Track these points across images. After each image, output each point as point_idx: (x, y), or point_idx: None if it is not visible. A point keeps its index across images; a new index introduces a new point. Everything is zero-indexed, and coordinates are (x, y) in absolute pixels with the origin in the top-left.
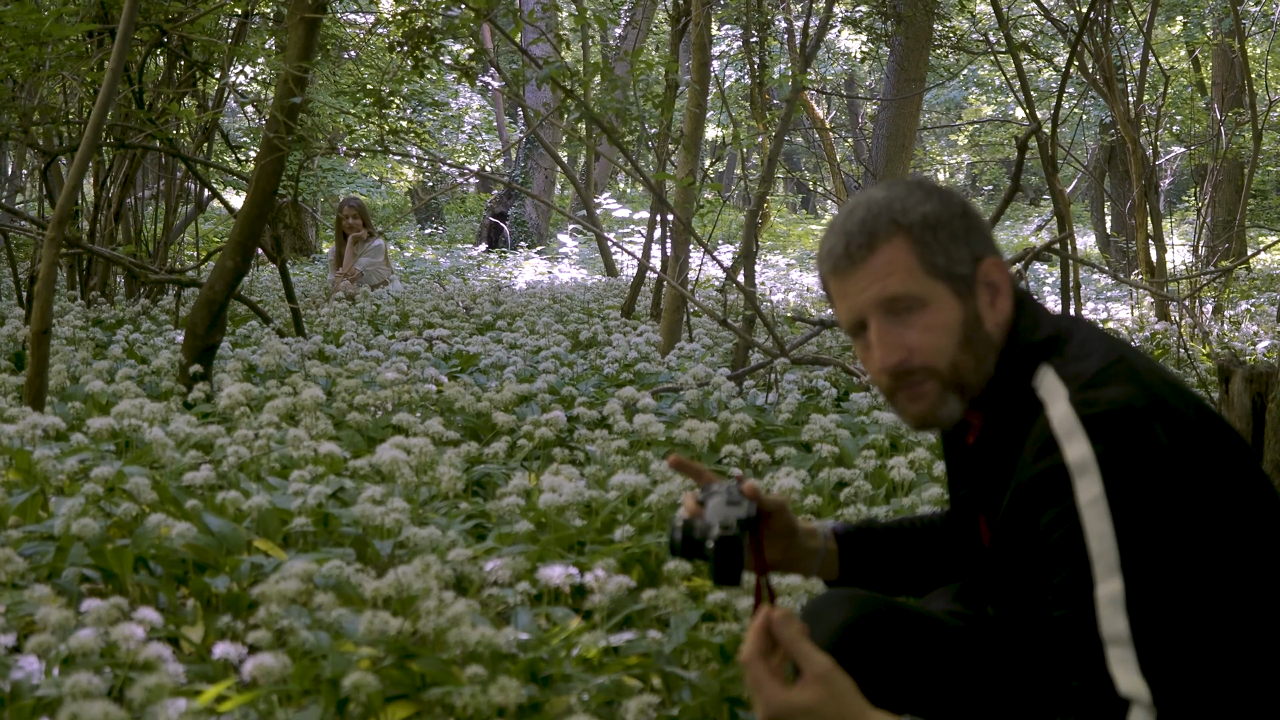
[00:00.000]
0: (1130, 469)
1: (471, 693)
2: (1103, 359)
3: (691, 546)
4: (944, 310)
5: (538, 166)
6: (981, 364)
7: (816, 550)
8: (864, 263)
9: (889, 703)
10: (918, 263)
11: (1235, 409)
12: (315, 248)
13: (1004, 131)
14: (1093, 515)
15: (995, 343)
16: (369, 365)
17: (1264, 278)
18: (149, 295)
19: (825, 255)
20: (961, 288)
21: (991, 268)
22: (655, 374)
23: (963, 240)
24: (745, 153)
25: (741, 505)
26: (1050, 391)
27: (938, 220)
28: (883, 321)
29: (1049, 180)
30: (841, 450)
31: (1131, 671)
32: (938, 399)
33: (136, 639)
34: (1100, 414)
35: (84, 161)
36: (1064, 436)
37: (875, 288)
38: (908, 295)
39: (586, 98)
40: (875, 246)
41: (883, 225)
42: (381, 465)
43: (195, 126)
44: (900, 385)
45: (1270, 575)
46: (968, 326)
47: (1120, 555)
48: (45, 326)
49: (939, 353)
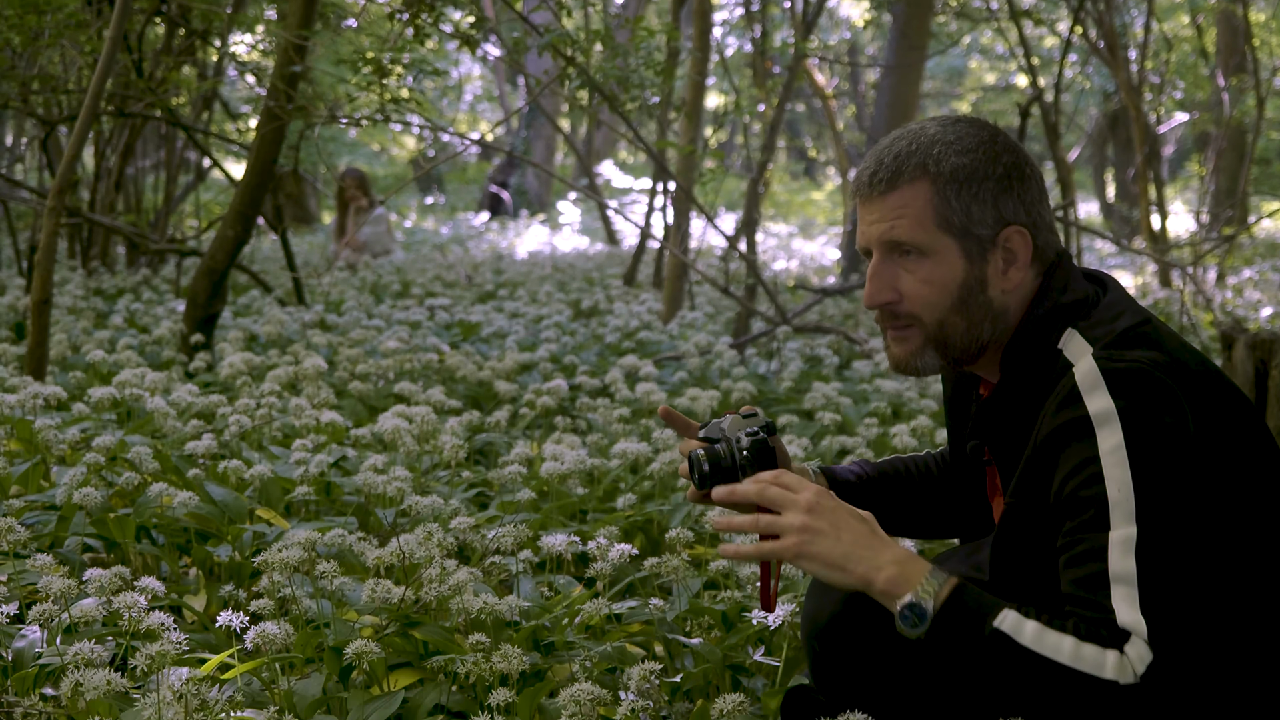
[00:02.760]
0: (1150, 422)
1: (474, 660)
2: (1129, 321)
3: (721, 473)
4: (946, 266)
5: (539, 135)
6: (973, 329)
7: None
8: (882, 196)
9: (898, 668)
10: (932, 213)
11: (1238, 375)
12: (316, 217)
13: (1006, 99)
14: (1112, 463)
15: (998, 309)
16: (371, 334)
17: (1267, 244)
18: (150, 265)
19: (859, 173)
20: (973, 248)
21: (1014, 235)
22: (657, 342)
23: (990, 202)
24: (747, 121)
25: (752, 419)
26: (1076, 351)
27: (969, 176)
28: (883, 259)
29: (1051, 147)
30: (843, 418)
31: (1133, 608)
32: (918, 349)
33: (139, 608)
34: (1123, 370)
35: (84, 131)
36: (1087, 390)
37: (884, 225)
38: (912, 243)
39: (588, 65)
40: (897, 184)
41: (912, 166)
42: (383, 434)
43: (195, 95)
44: (887, 324)
45: (1270, 536)
46: (967, 289)
47: (1136, 503)
48: (46, 296)
49: (929, 307)
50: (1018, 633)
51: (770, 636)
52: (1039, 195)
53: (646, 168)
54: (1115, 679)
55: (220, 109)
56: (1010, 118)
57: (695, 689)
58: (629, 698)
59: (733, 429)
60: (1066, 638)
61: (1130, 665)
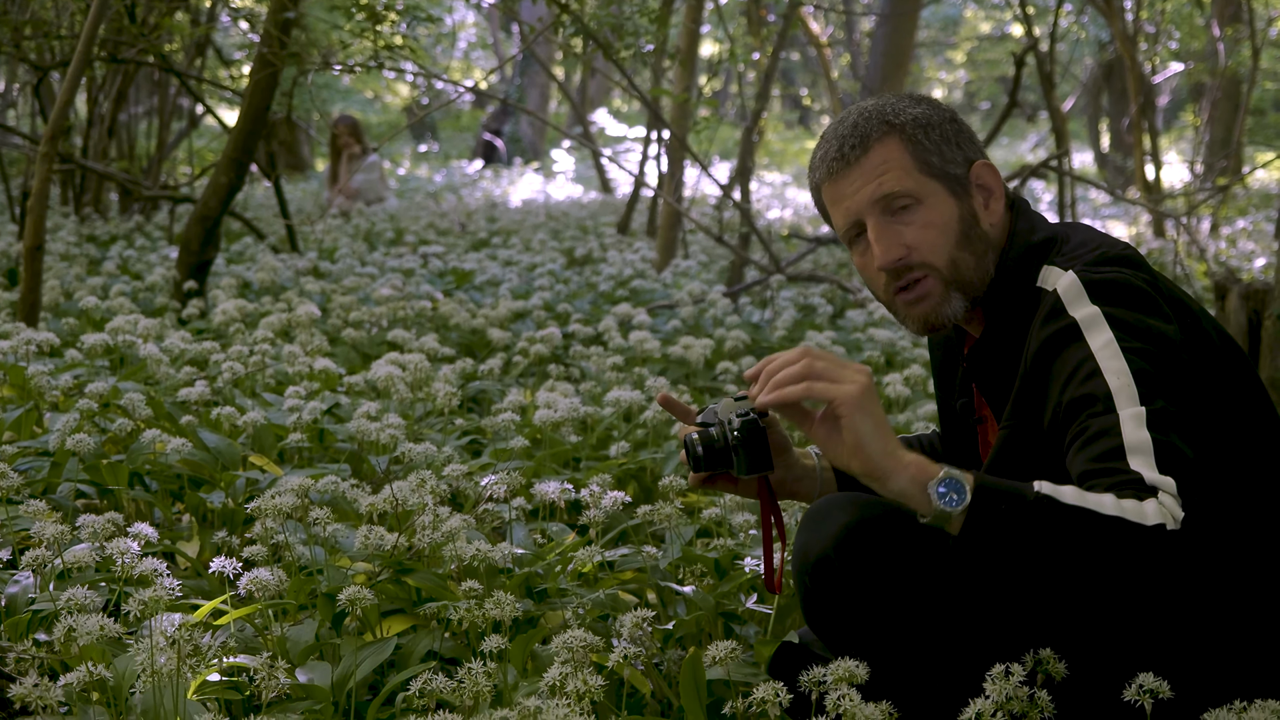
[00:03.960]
0: (1135, 318)
1: (467, 607)
2: (1106, 249)
3: (714, 455)
4: (940, 207)
5: (533, 83)
6: (981, 261)
7: (813, 469)
8: (858, 162)
9: (890, 605)
10: (912, 160)
11: (1231, 325)
12: (309, 164)
13: (1001, 48)
14: (1107, 356)
15: (992, 241)
16: (364, 282)
17: (1261, 195)
18: (143, 211)
19: (818, 162)
20: (956, 187)
21: (983, 170)
22: (651, 291)
23: (954, 142)
24: (741, 69)
25: (743, 401)
26: (1055, 280)
27: (929, 121)
28: (880, 220)
29: (1046, 97)
30: None
31: (1154, 470)
32: (941, 297)
33: (132, 554)
34: (1105, 279)
35: (76, 77)
36: (1070, 300)
37: (871, 186)
38: (904, 192)
39: (582, 13)
40: (869, 146)
41: (875, 126)
42: (377, 381)
43: (188, 41)
44: (900, 287)
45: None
46: (965, 223)
47: (1138, 385)
48: (39, 242)
49: (937, 250)
50: (1058, 494)
51: (762, 584)
52: (978, 141)
53: (641, 116)
54: (1161, 523)
55: (213, 55)
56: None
57: (688, 636)
58: (621, 645)
59: (725, 411)
60: (1105, 495)
61: (1169, 512)
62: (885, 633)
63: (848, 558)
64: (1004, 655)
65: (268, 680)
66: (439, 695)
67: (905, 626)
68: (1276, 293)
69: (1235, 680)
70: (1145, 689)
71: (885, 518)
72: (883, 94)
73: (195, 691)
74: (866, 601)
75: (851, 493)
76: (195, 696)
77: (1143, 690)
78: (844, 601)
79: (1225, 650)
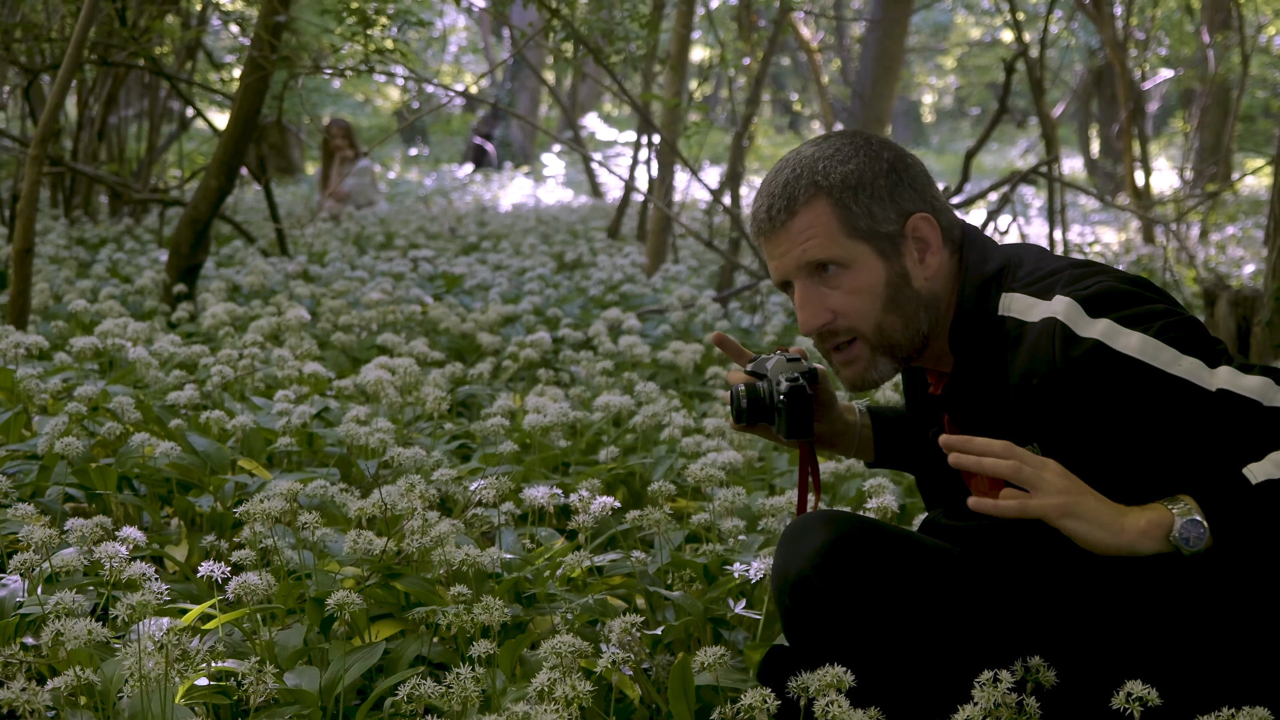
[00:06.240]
0: (1139, 310)
1: (456, 612)
2: (1068, 269)
3: (758, 410)
4: (867, 272)
5: (523, 87)
6: (911, 323)
7: (854, 425)
8: (784, 226)
9: (871, 623)
10: (839, 225)
11: (1220, 332)
12: (299, 167)
13: (991, 54)
14: (1150, 351)
15: (928, 296)
16: (354, 286)
17: (1250, 201)
18: (132, 214)
19: (752, 217)
20: (886, 247)
21: (920, 223)
22: (640, 295)
23: (886, 199)
24: (732, 74)
25: (799, 362)
26: (1022, 308)
27: (859, 180)
28: (806, 284)
29: (1036, 103)
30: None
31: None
32: (869, 362)
33: (120, 557)
34: (1093, 294)
35: (66, 79)
36: (1075, 323)
37: (796, 251)
38: (828, 259)
39: (572, 18)
40: (795, 210)
41: (803, 188)
42: (366, 385)
43: (179, 44)
44: (830, 347)
45: None
46: (892, 287)
47: (1198, 356)
48: (28, 245)
49: (862, 316)
50: (1270, 474)
51: (751, 590)
52: (926, 180)
53: (631, 121)
54: None
55: (204, 58)
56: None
57: (676, 641)
58: (610, 650)
59: (775, 370)
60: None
61: None
62: (867, 650)
63: (827, 577)
64: (988, 668)
65: (256, 685)
66: (427, 700)
67: (887, 643)
68: (1266, 299)
69: (1224, 686)
70: (1134, 697)
71: (863, 535)
72: (824, 138)
73: (183, 696)
74: (847, 620)
75: (829, 510)
76: (183, 701)
77: (1131, 698)
78: (825, 620)
79: (1213, 656)
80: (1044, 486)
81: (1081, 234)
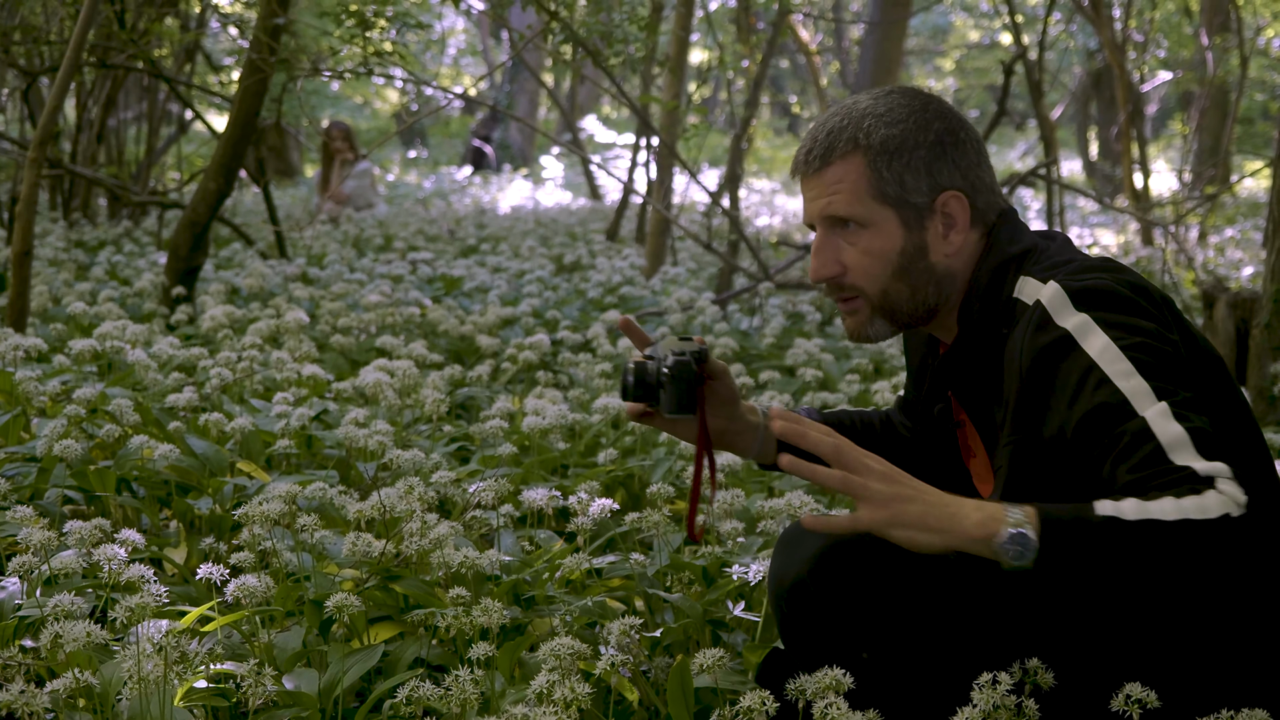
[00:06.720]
0: (1122, 318)
1: (454, 614)
2: (1082, 260)
3: (644, 388)
4: (885, 237)
5: (522, 89)
6: (918, 293)
7: (756, 426)
8: (817, 173)
9: (867, 627)
10: (867, 185)
11: (1219, 334)
12: (298, 170)
13: (990, 56)
14: (1109, 360)
15: (941, 274)
16: (353, 288)
17: (1249, 204)
18: (131, 217)
19: (797, 152)
20: (910, 216)
21: (951, 200)
22: (639, 298)
23: (922, 170)
24: (731, 76)
25: (690, 344)
26: (1031, 291)
27: (899, 146)
28: (825, 233)
29: (1035, 105)
30: (825, 374)
31: (1201, 459)
32: (866, 319)
33: (119, 560)
34: (1084, 288)
35: (65, 82)
36: (1056, 310)
37: (822, 201)
38: (850, 216)
39: (571, 20)
40: (830, 160)
41: (844, 140)
42: (365, 388)
43: (178, 47)
44: (836, 297)
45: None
46: (907, 256)
47: (1150, 384)
48: (27, 248)
49: (871, 278)
50: (1120, 512)
51: (750, 592)
52: (976, 158)
53: (630, 123)
54: (1226, 513)
55: (203, 61)
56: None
57: (675, 644)
58: (609, 652)
59: (665, 348)
60: (1164, 499)
61: (1231, 497)
62: (863, 654)
63: (823, 582)
64: (984, 670)
65: (254, 687)
66: (426, 702)
67: (883, 647)
68: (1264, 302)
69: (1222, 688)
70: (1133, 699)
71: (859, 540)
72: (887, 91)
73: (182, 698)
74: (843, 624)
75: (826, 514)
76: (182, 703)
77: (1130, 700)
78: (821, 625)
79: (1212, 658)
80: (868, 497)
81: (1080, 236)
